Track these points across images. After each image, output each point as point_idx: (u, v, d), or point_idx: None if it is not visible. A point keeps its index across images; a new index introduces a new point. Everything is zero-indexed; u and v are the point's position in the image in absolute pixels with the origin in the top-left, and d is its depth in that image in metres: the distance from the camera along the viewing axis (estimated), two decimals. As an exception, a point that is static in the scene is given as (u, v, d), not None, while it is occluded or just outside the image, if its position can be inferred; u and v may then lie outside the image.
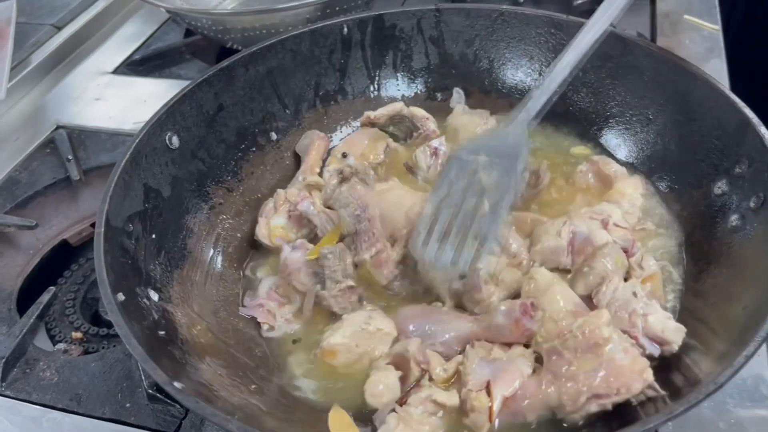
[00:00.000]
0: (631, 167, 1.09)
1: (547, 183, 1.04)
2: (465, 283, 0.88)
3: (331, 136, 1.23)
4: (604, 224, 0.95)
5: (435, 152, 1.12)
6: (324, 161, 1.17)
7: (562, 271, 0.94)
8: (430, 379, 0.83)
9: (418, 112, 1.20)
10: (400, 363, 0.85)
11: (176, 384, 0.69)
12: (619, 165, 1.06)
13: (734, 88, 1.00)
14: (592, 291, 0.88)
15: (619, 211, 0.97)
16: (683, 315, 0.90)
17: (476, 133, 1.16)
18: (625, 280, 0.89)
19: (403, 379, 0.83)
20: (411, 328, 0.89)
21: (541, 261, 0.94)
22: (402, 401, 0.80)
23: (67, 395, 0.92)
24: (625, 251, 0.92)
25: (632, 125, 1.11)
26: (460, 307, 0.92)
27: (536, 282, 0.87)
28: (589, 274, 0.89)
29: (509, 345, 0.84)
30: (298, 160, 1.18)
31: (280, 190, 1.09)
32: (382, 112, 1.19)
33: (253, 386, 0.84)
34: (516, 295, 0.90)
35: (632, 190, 1.02)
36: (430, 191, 0.95)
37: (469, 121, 1.18)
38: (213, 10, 1.61)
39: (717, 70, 1.35)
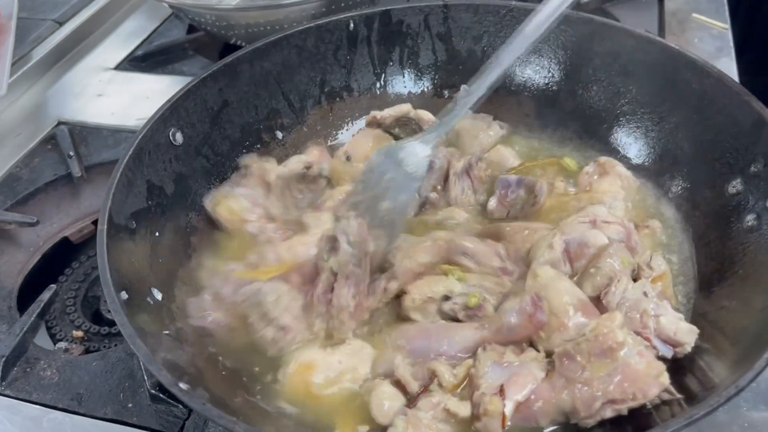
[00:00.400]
0: (641, 166, 1.07)
1: (543, 202, 1.02)
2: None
3: (336, 134, 1.22)
4: (593, 224, 0.93)
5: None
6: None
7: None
8: (440, 385, 0.81)
9: (426, 115, 1.17)
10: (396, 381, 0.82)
11: (182, 385, 0.67)
12: (624, 168, 1.05)
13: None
14: (599, 292, 0.86)
15: (604, 208, 0.96)
16: (695, 316, 0.89)
17: (477, 138, 1.14)
18: (634, 280, 0.88)
19: (404, 390, 0.81)
20: (410, 349, 0.84)
21: None
22: (411, 405, 0.78)
23: (68, 395, 0.91)
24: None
25: (643, 123, 1.09)
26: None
27: (539, 278, 0.86)
28: (596, 274, 0.87)
29: (521, 348, 0.82)
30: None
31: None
32: (389, 113, 1.16)
33: (259, 388, 0.83)
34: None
35: (608, 186, 1.02)
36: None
37: (472, 125, 1.16)
38: (217, 5, 1.59)
39: (727, 69, 1.32)
